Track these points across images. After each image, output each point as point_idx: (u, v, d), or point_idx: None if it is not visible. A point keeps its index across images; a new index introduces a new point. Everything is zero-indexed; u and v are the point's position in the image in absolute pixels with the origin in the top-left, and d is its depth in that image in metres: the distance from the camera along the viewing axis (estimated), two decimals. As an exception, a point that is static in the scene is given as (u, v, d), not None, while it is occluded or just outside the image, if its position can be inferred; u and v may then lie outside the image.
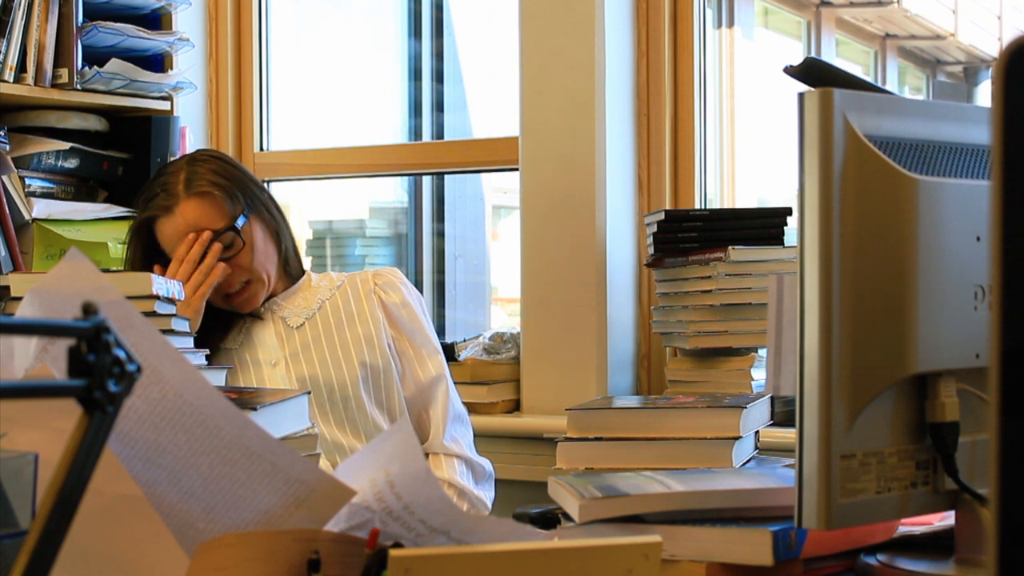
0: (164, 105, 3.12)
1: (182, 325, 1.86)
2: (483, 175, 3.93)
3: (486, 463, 2.45)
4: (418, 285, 3.89)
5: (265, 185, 2.47)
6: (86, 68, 2.90)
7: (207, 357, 1.93)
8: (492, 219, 4.07)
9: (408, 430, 1.09)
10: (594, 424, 1.71)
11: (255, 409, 1.47)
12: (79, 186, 3.03)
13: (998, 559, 0.81)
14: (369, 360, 2.39)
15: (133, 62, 3.01)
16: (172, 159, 2.47)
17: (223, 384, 2.08)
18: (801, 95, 1.26)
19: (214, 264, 2.31)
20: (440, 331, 3.63)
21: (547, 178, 2.95)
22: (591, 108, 2.90)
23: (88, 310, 0.83)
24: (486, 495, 2.43)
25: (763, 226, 2.69)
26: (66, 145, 2.94)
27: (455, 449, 2.40)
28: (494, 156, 3.24)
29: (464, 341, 3.07)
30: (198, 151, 2.47)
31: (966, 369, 1.33)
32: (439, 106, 3.95)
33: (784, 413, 2.01)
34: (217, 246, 2.32)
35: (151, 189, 2.38)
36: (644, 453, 1.67)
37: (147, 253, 2.39)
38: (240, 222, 2.34)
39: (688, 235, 2.69)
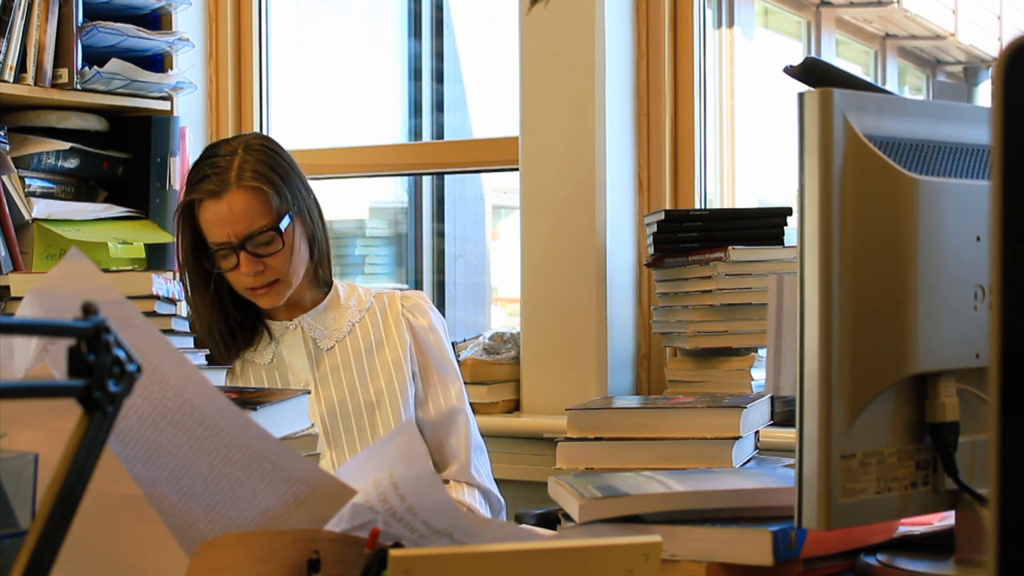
0: (164, 105, 3.12)
1: (182, 325, 1.86)
2: (483, 175, 3.94)
3: (500, 495, 2.46)
4: (418, 285, 3.89)
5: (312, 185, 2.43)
6: (86, 68, 2.90)
7: (207, 357, 1.92)
8: (492, 219, 4.07)
9: (413, 432, 1.09)
10: (594, 424, 1.71)
11: (255, 409, 1.47)
12: (79, 186, 3.03)
13: (998, 559, 0.81)
14: (399, 387, 2.38)
15: (133, 62, 3.01)
16: (224, 140, 2.41)
17: (223, 384, 2.08)
18: (801, 95, 1.26)
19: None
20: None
21: (547, 178, 2.95)
22: (591, 108, 2.90)
23: (88, 310, 0.83)
24: None
25: (763, 226, 2.69)
26: (66, 145, 2.94)
27: (477, 479, 2.40)
28: (494, 156, 3.24)
29: (464, 341, 3.07)
30: (252, 136, 2.39)
31: (966, 369, 1.33)
32: (439, 106, 3.95)
33: (784, 413, 2.01)
34: None
35: (201, 169, 2.31)
36: (644, 453, 1.67)
37: (196, 238, 2.34)
38: (284, 223, 2.30)
39: (688, 235, 2.69)
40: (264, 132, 3.57)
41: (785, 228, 2.69)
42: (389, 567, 0.97)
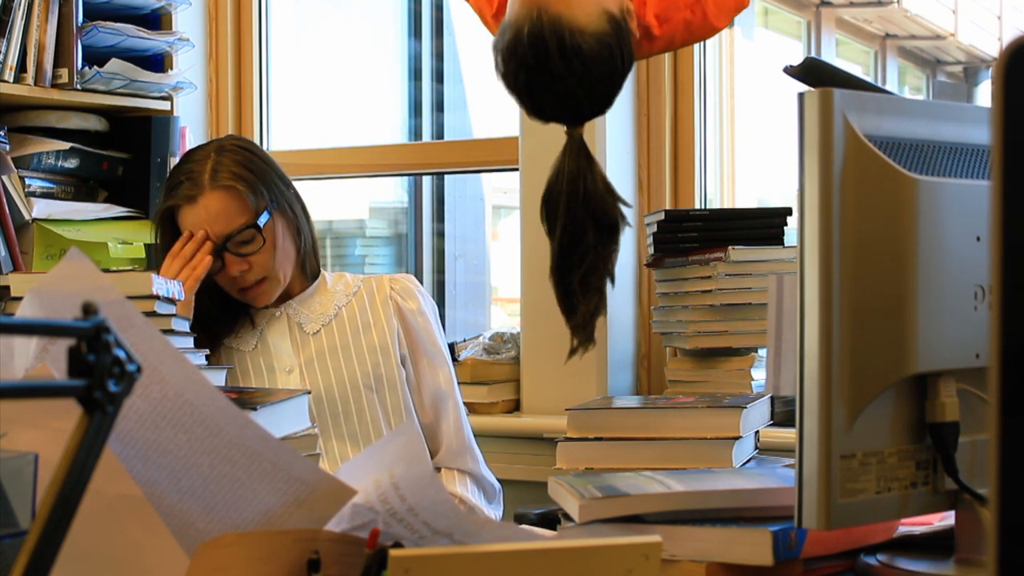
0: (164, 105, 3.12)
1: (182, 325, 1.86)
2: (483, 175, 3.94)
3: (495, 481, 2.44)
4: (418, 285, 3.89)
5: (291, 180, 2.43)
6: (86, 68, 2.90)
7: (206, 357, 1.92)
8: (492, 219, 4.07)
9: (413, 432, 1.09)
10: (594, 424, 1.71)
11: (255, 409, 1.47)
12: (79, 186, 3.03)
13: (998, 559, 0.81)
14: (385, 372, 2.35)
15: (133, 62, 3.01)
16: (199, 146, 2.41)
17: (223, 384, 2.08)
18: (801, 95, 1.26)
19: (203, 259, 2.26)
20: (440, 331, 3.62)
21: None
22: (591, 108, 2.89)
23: (88, 310, 0.83)
24: (495, 515, 2.41)
25: (763, 226, 2.69)
26: (66, 145, 2.94)
27: (469, 466, 2.39)
28: (494, 156, 3.24)
29: (464, 341, 3.07)
30: (227, 139, 2.40)
31: (966, 369, 1.33)
32: (439, 106, 3.95)
33: (784, 413, 2.01)
34: (209, 244, 2.27)
35: (176, 177, 2.33)
36: (644, 453, 1.67)
37: (174, 242, 2.33)
38: (263, 219, 2.29)
39: (688, 235, 2.69)
40: (264, 132, 3.57)
41: (785, 228, 2.69)
42: (389, 567, 0.97)
